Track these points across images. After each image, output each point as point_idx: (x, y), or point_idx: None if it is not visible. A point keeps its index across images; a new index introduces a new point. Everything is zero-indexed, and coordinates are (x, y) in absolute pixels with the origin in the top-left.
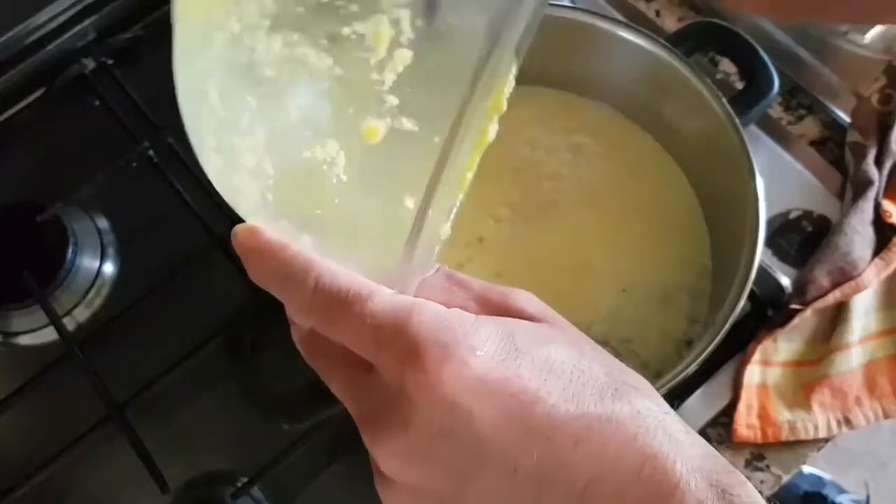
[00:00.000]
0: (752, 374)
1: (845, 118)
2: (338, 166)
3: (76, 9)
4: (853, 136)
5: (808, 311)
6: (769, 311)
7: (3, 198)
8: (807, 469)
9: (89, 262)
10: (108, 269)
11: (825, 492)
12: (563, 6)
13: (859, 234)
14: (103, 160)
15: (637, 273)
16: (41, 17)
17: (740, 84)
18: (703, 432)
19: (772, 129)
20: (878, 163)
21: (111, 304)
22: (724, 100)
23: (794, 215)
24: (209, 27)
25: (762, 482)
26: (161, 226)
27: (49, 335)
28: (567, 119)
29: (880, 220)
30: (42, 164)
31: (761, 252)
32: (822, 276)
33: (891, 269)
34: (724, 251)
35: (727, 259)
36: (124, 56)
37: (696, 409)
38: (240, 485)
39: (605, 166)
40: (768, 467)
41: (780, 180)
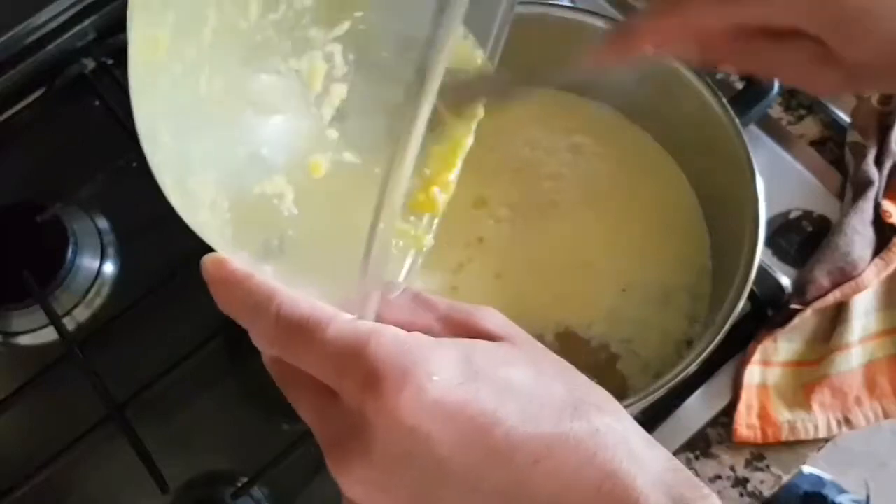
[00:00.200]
0: (752, 374)
1: (845, 118)
2: (287, 199)
3: (76, 9)
4: (853, 136)
5: (808, 311)
6: (769, 311)
7: (3, 198)
8: (807, 469)
9: (89, 262)
10: (108, 269)
11: (825, 492)
12: (563, 6)
13: (859, 234)
14: (103, 160)
15: (637, 273)
16: (41, 17)
17: (740, 84)
18: (703, 432)
19: (772, 129)
20: (878, 163)
21: (111, 304)
22: (725, 100)
23: (794, 215)
24: (155, 69)
25: (762, 482)
26: (161, 226)
27: (49, 335)
28: (567, 119)
29: (880, 220)
30: (42, 164)
31: (761, 252)
32: (822, 276)
33: (891, 269)
34: (724, 251)
35: (727, 259)
36: (124, 56)
37: (696, 409)
38: (240, 485)
39: (605, 166)
40: (768, 467)
41: (780, 180)
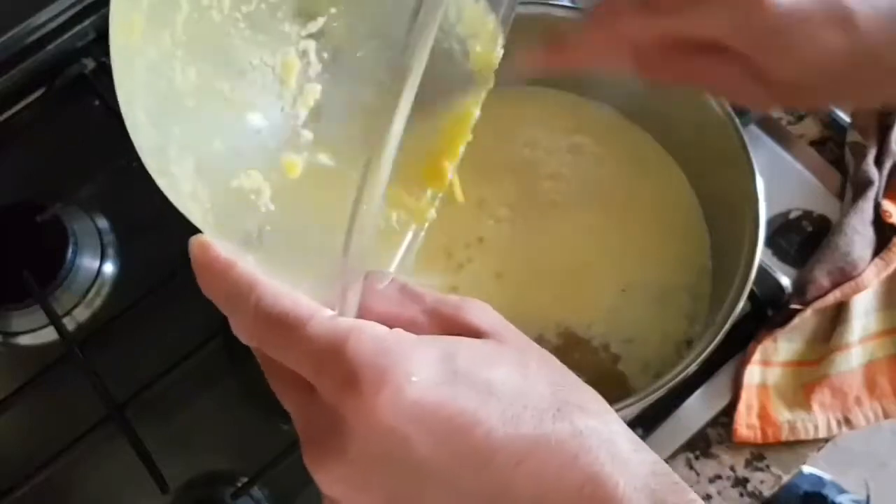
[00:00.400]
0: (752, 374)
1: (845, 118)
2: (264, 196)
3: (76, 9)
4: (853, 136)
5: (808, 311)
6: (769, 311)
7: (3, 198)
8: (807, 469)
9: (89, 262)
10: (108, 269)
11: (825, 492)
12: (564, 6)
13: (859, 234)
14: (103, 160)
15: (637, 273)
16: (41, 17)
17: None
18: (703, 432)
19: (772, 129)
20: (878, 163)
21: (111, 304)
22: (725, 100)
23: (794, 215)
24: (131, 52)
25: (762, 482)
26: (161, 226)
27: (49, 335)
28: (567, 119)
29: (880, 220)
30: (42, 164)
31: (761, 252)
32: (822, 276)
33: (891, 269)
34: (724, 251)
35: (727, 259)
36: None
37: (696, 409)
38: (240, 485)
39: (605, 166)
40: (768, 467)
41: (780, 180)
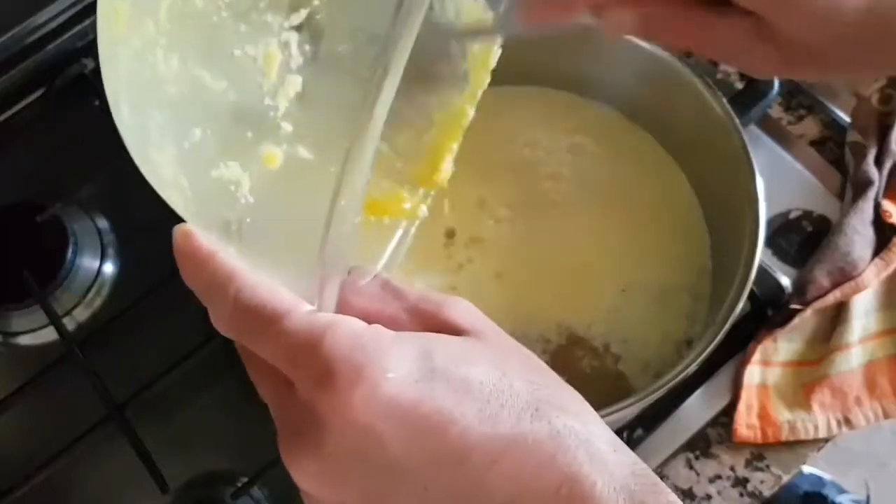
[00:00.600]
0: (752, 374)
1: (845, 118)
2: (243, 187)
3: (76, 9)
4: (853, 136)
5: (808, 311)
6: (769, 311)
7: (3, 198)
8: (807, 469)
9: (89, 262)
10: (108, 269)
11: (825, 492)
12: None
13: (859, 234)
14: (103, 160)
15: (637, 273)
16: (41, 17)
17: (740, 84)
18: (703, 432)
19: (772, 129)
20: (878, 163)
21: (111, 304)
22: (725, 100)
23: (794, 215)
24: (116, 40)
25: (762, 482)
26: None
27: (49, 335)
28: (567, 119)
29: (880, 220)
30: (42, 164)
31: (761, 252)
32: (822, 276)
33: (891, 269)
34: (724, 251)
35: (727, 259)
36: None
37: (696, 409)
38: (240, 485)
39: (605, 167)
40: (768, 467)
41: (780, 180)
